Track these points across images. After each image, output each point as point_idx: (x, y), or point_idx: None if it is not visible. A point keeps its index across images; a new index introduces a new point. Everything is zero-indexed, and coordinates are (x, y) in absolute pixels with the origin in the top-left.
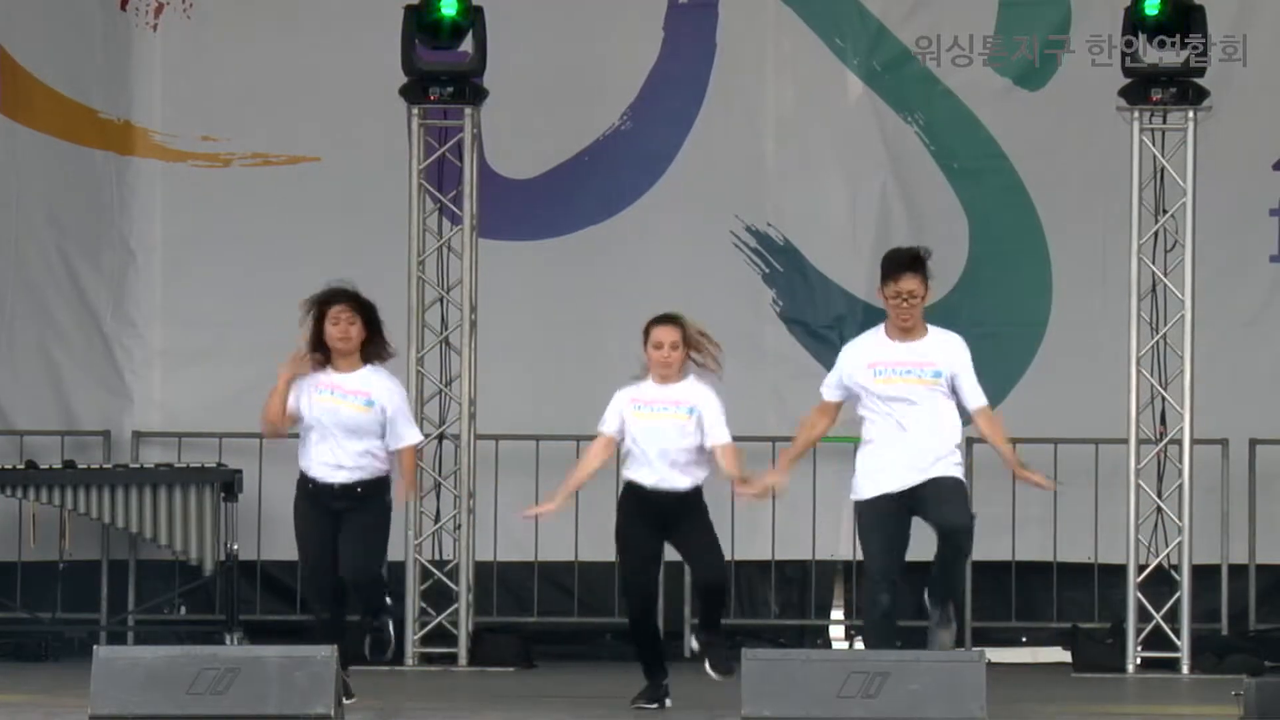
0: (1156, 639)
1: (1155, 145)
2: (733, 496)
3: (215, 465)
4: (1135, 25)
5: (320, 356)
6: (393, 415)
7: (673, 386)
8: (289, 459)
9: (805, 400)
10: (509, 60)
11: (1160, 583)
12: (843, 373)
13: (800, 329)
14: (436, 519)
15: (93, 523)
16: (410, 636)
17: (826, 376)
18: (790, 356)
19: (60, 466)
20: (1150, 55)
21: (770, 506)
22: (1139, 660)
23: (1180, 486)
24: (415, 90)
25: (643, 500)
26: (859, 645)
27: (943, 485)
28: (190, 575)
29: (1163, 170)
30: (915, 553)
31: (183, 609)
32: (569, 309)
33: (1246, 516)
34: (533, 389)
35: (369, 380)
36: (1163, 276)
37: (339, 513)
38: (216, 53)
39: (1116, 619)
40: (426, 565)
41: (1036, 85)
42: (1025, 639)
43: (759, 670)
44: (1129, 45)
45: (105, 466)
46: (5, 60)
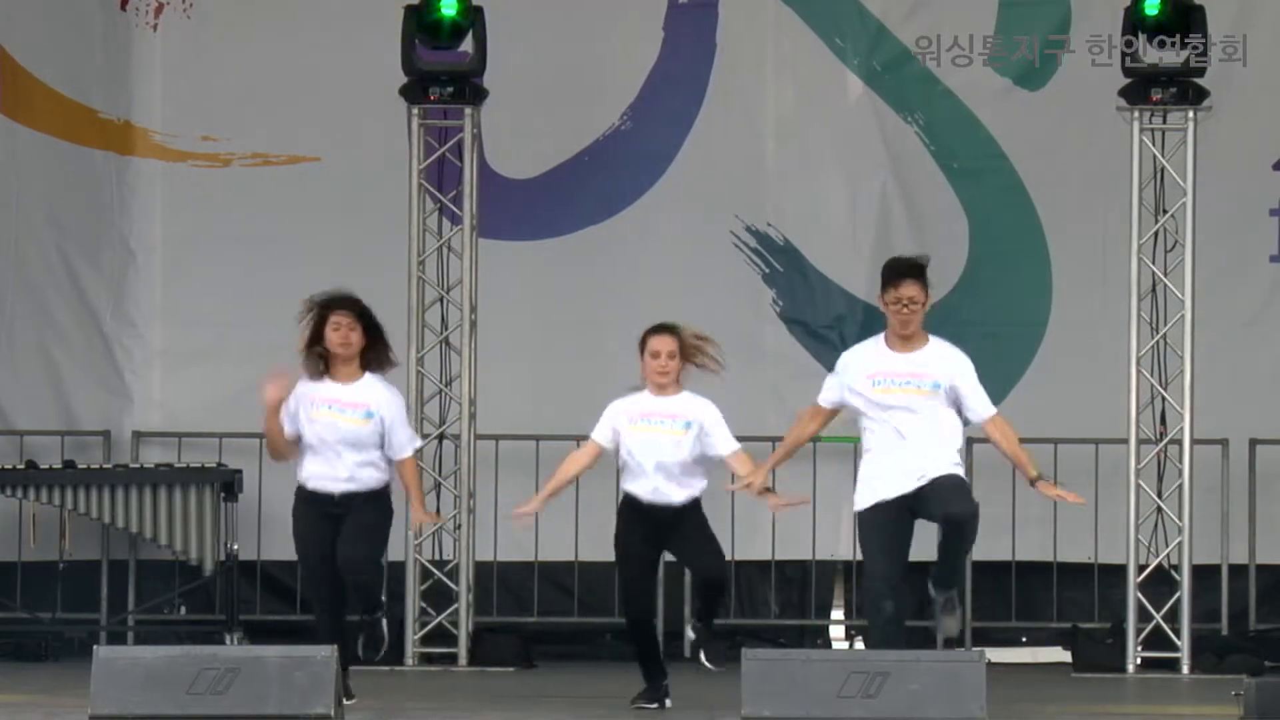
0: (1156, 639)
1: (1155, 145)
2: (733, 496)
3: (215, 465)
4: (1135, 25)
5: (319, 360)
6: (391, 424)
7: (669, 399)
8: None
9: (805, 400)
10: (509, 60)
11: (1160, 583)
12: (841, 380)
13: (800, 329)
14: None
15: (93, 523)
16: (410, 636)
17: (825, 380)
18: (790, 356)
19: (60, 466)
20: (1150, 55)
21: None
22: (1139, 660)
23: (1180, 486)
24: (415, 90)
25: (640, 512)
26: (859, 645)
27: (943, 483)
28: (190, 575)
29: (1163, 170)
30: (915, 553)
31: (183, 609)
32: (569, 309)
33: (1246, 516)
34: (533, 389)
35: (368, 390)
36: (1163, 276)
37: (338, 516)
38: (216, 53)
39: (1116, 619)
40: (426, 565)
41: (1036, 85)
42: (1025, 639)
43: (759, 670)
44: (1129, 45)
45: (105, 466)
46: (5, 60)
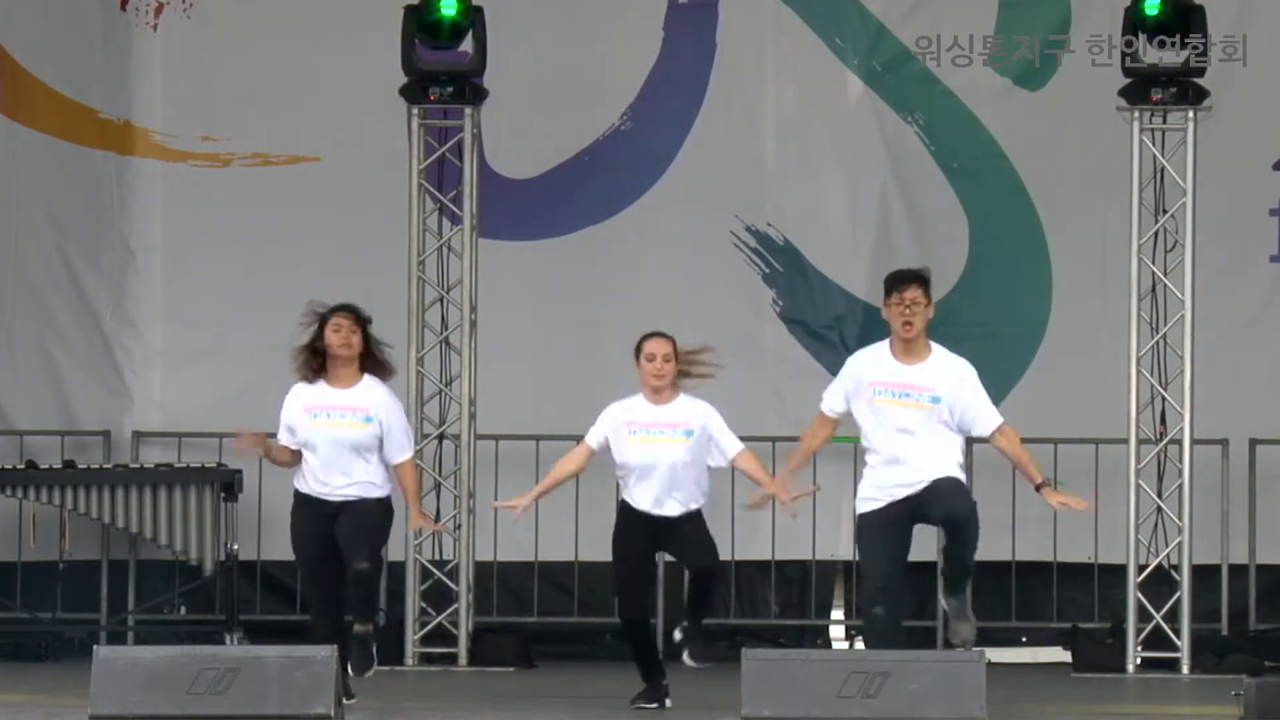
0: (1156, 639)
1: (1155, 145)
2: (733, 496)
3: (215, 465)
4: (1135, 25)
5: (311, 358)
6: (389, 427)
7: (666, 406)
8: None
9: (805, 400)
10: (509, 60)
11: (1160, 583)
12: (846, 386)
13: (800, 329)
14: (436, 519)
15: (93, 523)
16: (410, 636)
17: (829, 387)
18: (790, 356)
19: (60, 466)
20: (1150, 55)
21: (770, 506)
22: (1139, 660)
23: (1180, 486)
24: (415, 90)
25: (638, 521)
26: (859, 645)
27: (941, 485)
28: (190, 575)
29: (1163, 170)
30: (915, 553)
31: (183, 609)
32: (569, 309)
33: (1246, 516)
34: (533, 389)
35: (367, 393)
36: (1163, 276)
37: (336, 518)
38: (216, 53)
39: (1116, 619)
40: (426, 565)
41: (1036, 85)
42: (1025, 639)
43: (759, 670)
44: (1129, 45)
45: (105, 466)
46: (5, 60)
